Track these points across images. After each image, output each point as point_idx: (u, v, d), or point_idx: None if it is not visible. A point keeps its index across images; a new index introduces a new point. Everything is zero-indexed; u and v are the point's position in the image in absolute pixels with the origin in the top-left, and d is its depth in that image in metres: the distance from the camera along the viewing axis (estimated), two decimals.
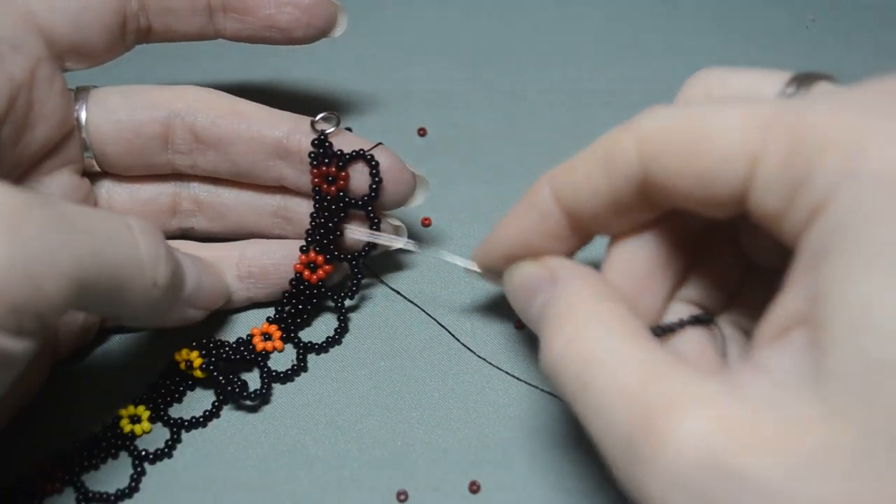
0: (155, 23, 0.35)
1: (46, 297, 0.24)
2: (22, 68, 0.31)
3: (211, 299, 0.34)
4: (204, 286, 0.33)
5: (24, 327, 0.24)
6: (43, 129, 0.32)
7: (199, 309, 0.34)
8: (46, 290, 0.24)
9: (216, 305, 0.35)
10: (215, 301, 0.34)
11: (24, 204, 0.24)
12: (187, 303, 0.33)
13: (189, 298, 0.32)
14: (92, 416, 0.34)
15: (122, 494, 0.32)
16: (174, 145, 0.35)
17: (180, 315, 0.33)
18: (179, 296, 0.32)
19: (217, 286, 0.34)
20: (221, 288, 0.35)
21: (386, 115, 0.44)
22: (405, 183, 0.35)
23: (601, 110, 0.44)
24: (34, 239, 0.24)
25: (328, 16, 0.37)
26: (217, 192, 0.36)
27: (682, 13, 0.48)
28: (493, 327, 0.37)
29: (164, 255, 0.29)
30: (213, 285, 0.34)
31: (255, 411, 0.35)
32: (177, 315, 0.33)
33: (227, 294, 0.35)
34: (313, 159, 0.34)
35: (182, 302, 0.32)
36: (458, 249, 0.39)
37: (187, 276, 0.32)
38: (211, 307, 0.34)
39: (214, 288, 0.34)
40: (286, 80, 0.45)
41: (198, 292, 0.33)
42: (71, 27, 0.32)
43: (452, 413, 0.34)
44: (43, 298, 0.24)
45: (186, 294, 0.32)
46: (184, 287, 0.32)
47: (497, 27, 0.48)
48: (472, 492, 0.32)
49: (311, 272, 0.35)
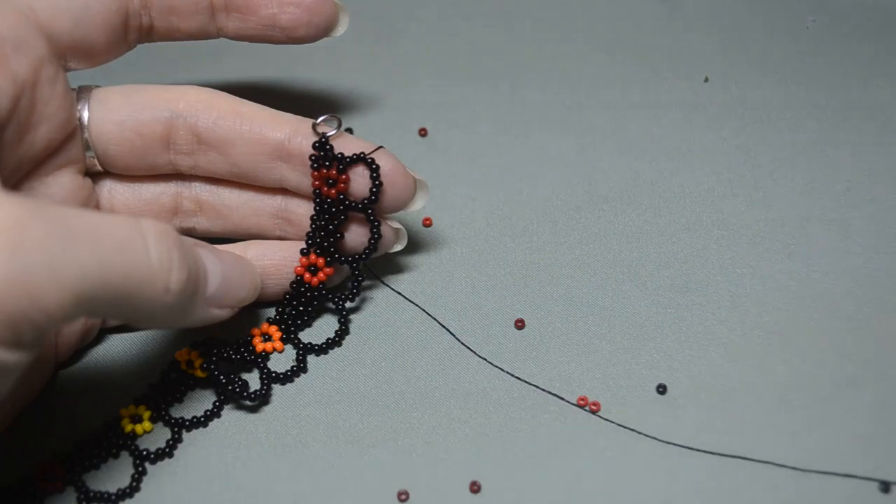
0: (157, 21, 0.35)
1: (46, 311, 0.24)
2: (25, 68, 0.31)
3: (238, 298, 0.33)
4: (231, 284, 0.32)
5: (21, 340, 0.24)
6: (46, 129, 0.32)
7: (225, 307, 0.32)
8: (46, 303, 0.24)
9: (245, 303, 0.33)
10: (243, 299, 0.33)
11: (25, 216, 0.24)
12: (211, 302, 0.31)
13: (213, 298, 0.31)
14: (93, 416, 0.34)
15: (123, 494, 0.32)
16: (176, 146, 0.35)
17: (202, 315, 0.31)
18: (198, 297, 0.30)
19: (245, 284, 0.33)
20: (250, 286, 0.33)
21: (387, 115, 0.44)
22: (406, 187, 0.35)
23: (601, 111, 0.44)
24: (34, 252, 0.24)
25: (330, 15, 0.37)
26: (218, 192, 0.36)
27: (682, 13, 0.48)
28: (493, 327, 0.37)
29: (178, 259, 0.28)
30: (240, 283, 0.33)
31: (255, 411, 0.35)
32: (199, 315, 0.31)
33: (257, 291, 0.34)
34: (314, 162, 0.34)
35: (203, 302, 0.31)
36: (458, 249, 0.39)
37: (210, 275, 0.31)
38: (239, 305, 0.33)
39: (242, 286, 0.33)
40: (288, 81, 0.45)
41: (223, 291, 0.32)
42: (73, 26, 0.32)
43: (453, 413, 0.34)
44: (42, 312, 0.24)
45: (210, 293, 0.31)
46: (204, 287, 0.31)
47: (497, 27, 0.48)
48: (472, 492, 0.33)
49: (311, 275, 0.35)
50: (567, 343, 0.36)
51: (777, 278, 0.38)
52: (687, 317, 0.37)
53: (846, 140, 0.43)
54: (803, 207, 0.40)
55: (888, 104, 0.44)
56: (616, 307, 0.37)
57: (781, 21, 0.48)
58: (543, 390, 0.35)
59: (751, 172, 0.41)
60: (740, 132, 0.43)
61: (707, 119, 0.44)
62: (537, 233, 0.40)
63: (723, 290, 0.38)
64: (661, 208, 0.40)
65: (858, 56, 0.46)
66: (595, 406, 0.34)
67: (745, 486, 0.32)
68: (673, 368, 0.35)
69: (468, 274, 0.38)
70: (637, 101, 0.44)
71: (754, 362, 0.35)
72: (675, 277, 0.38)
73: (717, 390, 0.35)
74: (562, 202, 0.41)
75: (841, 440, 0.33)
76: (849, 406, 0.34)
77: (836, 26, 0.47)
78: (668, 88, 0.45)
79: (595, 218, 0.40)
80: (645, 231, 0.40)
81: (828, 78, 0.45)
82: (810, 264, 0.38)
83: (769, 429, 0.34)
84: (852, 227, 0.39)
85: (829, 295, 0.37)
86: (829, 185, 0.41)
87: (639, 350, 0.36)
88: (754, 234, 0.39)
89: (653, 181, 0.41)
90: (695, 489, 0.32)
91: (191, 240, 0.31)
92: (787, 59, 0.46)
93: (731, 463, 0.33)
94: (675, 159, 0.42)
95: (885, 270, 0.38)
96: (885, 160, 0.42)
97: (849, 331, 0.36)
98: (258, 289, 0.34)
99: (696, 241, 0.39)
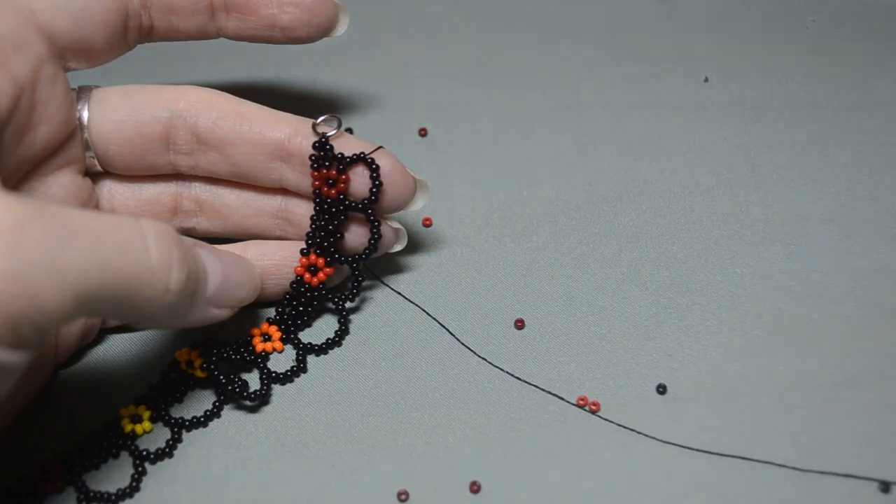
0: (157, 21, 0.35)
1: (46, 311, 0.24)
2: (25, 68, 0.31)
3: (238, 298, 0.33)
4: (231, 284, 0.32)
5: (21, 340, 0.24)
6: (46, 129, 0.32)
7: (224, 308, 0.32)
8: (46, 303, 0.24)
9: (244, 303, 0.33)
10: (243, 299, 0.33)
11: (24, 216, 0.24)
12: (211, 302, 0.31)
13: (212, 298, 0.31)
14: (93, 416, 0.34)
15: (123, 494, 0.32)
16: (176, 146, 0.35)
17: (202, 315, 0.31)
18: (198, 297, 0.30)
19: (245, 284, 0.33)
20: (250, 286, 0.33)
21: (387, 115, 0.44)
22: (406, 187, 0.35)
23: (601, 110, 0.44)
24: (34, 252, 0.24)
25: (330, 15, 0.37)
26: (218, 192, 0.36)
27: (682, 13, 0.48)
28: (493, 327, 0.37)
29: (178, 259, 0.28)
30: (240, 283, 0.33)
31: (255, 411, 0.35)
32: (199, 315, 0.31)
33: (256, 291, 0.34)
34: (314, 162, 0.34)
35: (203, 302, 0.31)
36: (458, 249, 0.39)
37: (210, 275, 0.31)
38: (238, 305, 0.33)
39: (242, 286, 0.33)
40: (288, 81, 0.45)
41: (223, 291, 0.32)
42: (73, 26, 0.32)
43: (453, 413, 0.35)
44: (42, 312, 0.24)
45: (209, 294, 0.31)
46: (204, 288, 0.31)
47: (497, 27, 0.48)
48: (472, 492, 0.33)
49: (311, 275, 0.35)
50: (567, 343, 0.36)
51: (777, 278, 0.38)
52: (687, 317, 0.37)
53: (846, 140, 0.42)
54: (803, 207, 0.40)
55: (888, 104, 0.44)
56: (616, 307, 0.37)
57: (781, 21, 0.48)
58: (543, 390, 0.35)
59: (751, 172, 0.41)
60: (740, 132, 0.43)
61: (707, 119, 0.44)
62: (537, 233, 0.40)
63: (723, 290, 0.38)
64: (661, 208, 0.40)
65: (858, 56, 0.46)
66: (595, 406, 0.34)
67: (744, 486, 0.32)
68: (673, 368, 0.35)
69: (468, 274, 0.38)
70: (637, 101, 0.44)
71: (754, 362, 0.35)
72: (675, 277, 0.38)
73: (717, 390, 0.35)
74: (562, 202, 0.41)
75: (841, 440, 0.33)
76: (849, 406, 0.34)
77: (836, 26, 0.47)
78: (668, 88, 0.45)
79: (595, 218, 0.40)
80: (645, 231, 0.40)
81: (828, 78, 0.45)
82: (810, 264, 0.38)
83: (769, 429, 0.34)
84: (852, 227, 0.39)
85: (829, 295, 0.37)
86: (829, 184, 0.41)
87: (639, 350, 0.36)
88: (754, 234, 0.39)
89: (653, 181, 0.41)
90: (695, 489, 0.32)
91: (190, 240, 0.31)
92: (787, 59, 0.46)
93: (730, 463, 0.33)
94: (675, 159, 0.42)
95: (885, 270, 0.38)
96: (886, 160, 0.42)
97: (849, 331, 0.36)
98: (258, 289, 0.34)
99: (696, 241, 0.39)
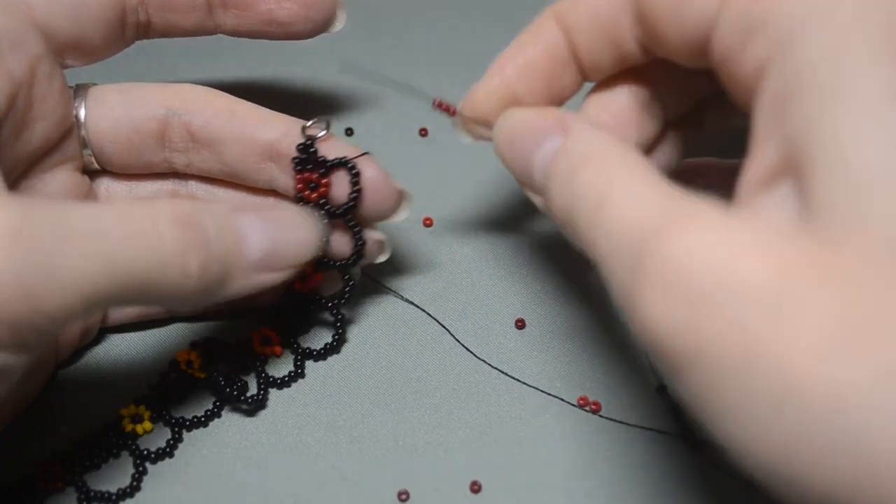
0: (154, 17, 0.35)
1: (48, 315, 0.24)
2: (22, 66, 0.30)
3: (294, 258, 0.31)
4: (283, 245, 0.30)
5: (22, 344, 0.24)
6: (43, 126, 0.32)
7: (278, 270, 0.30)
8: (48, 307, 0.24)
9: (302, 262, 0.31)
10: (299, 259, 0.31)
11: (23, 218, 0.24)
12: (259, 267, 0.29)
13: (261, 263, 0.29)
14: (93, 416, 0.34)
15: (123, 494, 0.32)
16: (171, 143, 0.34)
17: (247, 283, 0.29)
18: (235, 270, 0.29)
19: (301, 243, 0.31)
20: (307, 244, 0.31)
21: (387, 114, 0.44)
22: (388, 196, 0.34)
23: None
24: (31, 255, 0.24)
25: (327, 10, 0.37)
26: (213, 191, 0.36)
27: None
28: (493, 327, 0.37)
29: (194, 242, 0.27)
30: (296, 243, 0.31)
31: (255, 412, 0.35)
32: (241, 285, 0.29)
33: (318, 250, 0.32)
34: (296, 165, 0.34)
35: (246, 271, 0.29)
36: (458, 249, 0.39)
37: (254, 240, 0.29)
38: (296, 266, 0.31)
39: (298, 245, 0.31)
40: (288, 80, 0.45)
41: (273, 255, 0.30)
42: (69, 22, 0.32)
43: (453, 413, 0.35)
44: (44, 315, 0.24)
45: (255, 259, 0.29)
46: (242, 257, 0.29)
47: (497, 27, 0.47)
48: (472, 492, 0.33)
49: (301, 282, 0.35)
50: (567, 343, 0.36)
51: None
52: None
53: None
54: None
55: None
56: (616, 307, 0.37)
57: None
58: (543, 391, 0.35)
59: None
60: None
61: None
62: (537, 233, 0.40)
63: None
64: None
65: None
66: (595, 406, 0.34)
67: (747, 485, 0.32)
68: None
69: (468, 274, 0.38)
70: None
71: None
72: None
73: None
74: None
75: None
76: None
77: None
78: None
79: None
80: None
81: None
82: None
83: None
84: None
85: None
86: None
87: (639, 350, 0.36)
88: None
89: None
90: (695, 489, 0.32)
91: (226, 207, 0.30)
92: None
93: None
94: None
95: None
96: None
97: None
98: (319, 247, 0.32)
99: None
